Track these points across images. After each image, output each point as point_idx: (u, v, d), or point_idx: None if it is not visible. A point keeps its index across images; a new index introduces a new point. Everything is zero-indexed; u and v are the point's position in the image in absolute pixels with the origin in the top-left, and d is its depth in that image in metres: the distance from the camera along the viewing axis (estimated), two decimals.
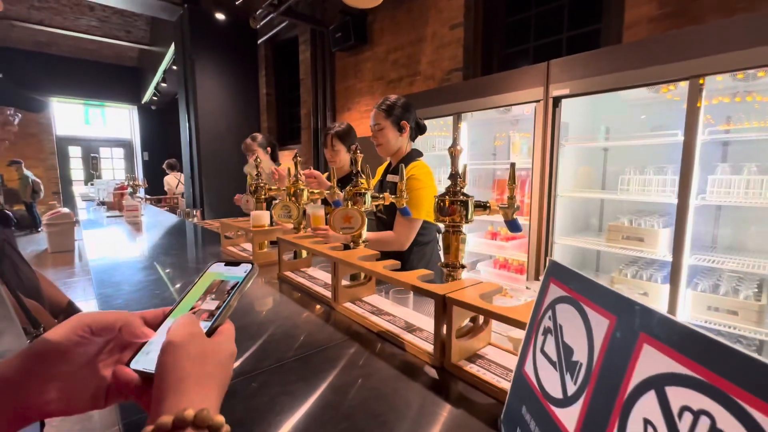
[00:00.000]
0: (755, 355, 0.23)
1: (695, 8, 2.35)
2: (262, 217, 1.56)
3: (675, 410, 0.27)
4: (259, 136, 2.71)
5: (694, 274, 2.09)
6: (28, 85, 8.49)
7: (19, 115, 1.10)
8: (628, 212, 2.36)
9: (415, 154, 1.72)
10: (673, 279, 1.93)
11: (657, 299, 2.09)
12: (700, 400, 0.25)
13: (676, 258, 1.90)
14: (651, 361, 0.29)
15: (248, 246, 1.78)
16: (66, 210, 6.00)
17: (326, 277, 1.28)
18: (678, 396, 0.27)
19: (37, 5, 6.87)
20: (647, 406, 0.29)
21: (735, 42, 1.66)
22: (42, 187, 7.82)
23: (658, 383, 0.28)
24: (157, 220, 2.97)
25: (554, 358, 0.42)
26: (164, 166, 7.26)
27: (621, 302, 0.34)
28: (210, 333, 0.40)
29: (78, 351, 0.36)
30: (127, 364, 0.39)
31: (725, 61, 1.68)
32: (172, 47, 6.15)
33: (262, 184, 1.74)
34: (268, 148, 2.72)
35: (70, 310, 1.47)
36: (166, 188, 7.11)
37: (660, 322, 0.30)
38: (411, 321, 0.91)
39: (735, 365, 0.24)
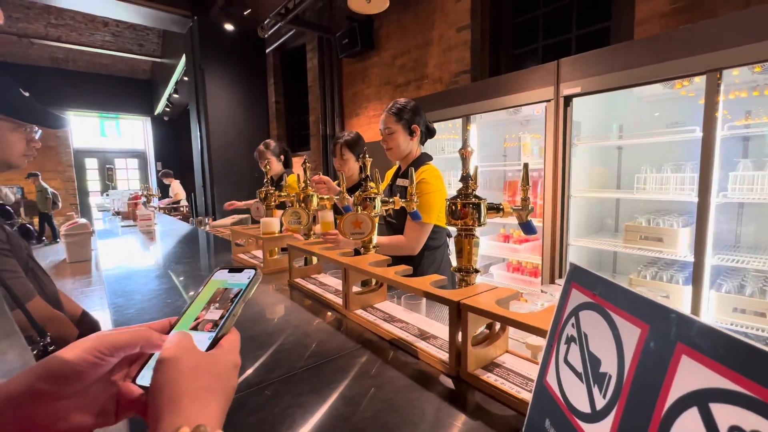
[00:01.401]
0: None
1: (708, 2, 2.29)
2: (272, 224, 1.55)
3: (723, 430, 0.24)
4: (272, 144, 2.68)
5: (717, 275, 2.02)
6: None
7: (40, 131, 1.13)
8: (645, 212, 2.29)
9: (424, 158, 1.70)
10: (696, 280, 1.86)
11: (679, 301, 2.02)
12: (753, 420, 0.22)
13: (698, 258, 1.83)
14: (691, 375, 0.27)
15: (259, 253, 1.78)
16: (83, 220, 6.13)
17: (337, 283, 1.26)
18: (725, 414, 0.24)
19: (54, 23, 7.10)
20: (689, 424, 0.26)
21: (752, 34, 1.60)
22: (59, 198, 8.02)
23: (700, 399, 0.26)
24: (170, 229, 3.00)
25: (579, 369, 0.40)
26: (161, 176, 7.36)
27: (654, 309, 0.32)
28: (214, 344, 0.39)
29: (92, 372, 0.35)
30: (133, 380, 0.38)
31: (743, 54, 1.62)
32: (183, 59, 6.27)
33: (271, 191, 1.74)
34: (281, 156, 2.70)
35: (85, 319, 1.48)
36: (173, 193, 7.18)
37: (701, 331, 0.27)
38: (424, 328, 0.89)
39: None
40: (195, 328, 0.41)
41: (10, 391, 0.32)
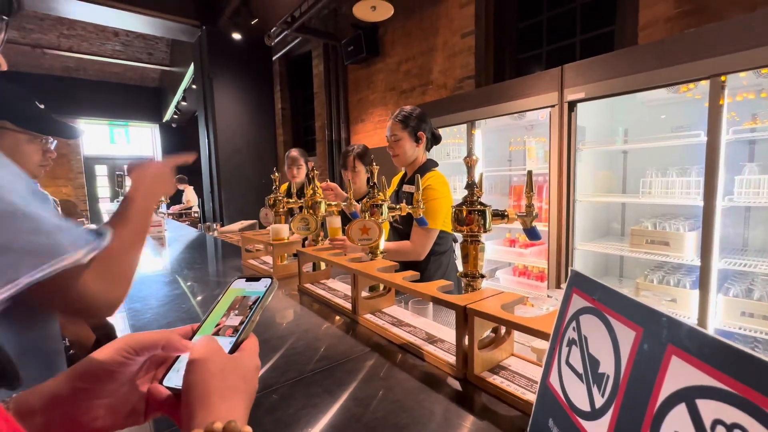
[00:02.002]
0: None
1: (713, 6, 2.30)
2: (281, 230, 1.59)
3: (707, 424, 0.26)
4: (300, 151, 2.70)
5: (724, 279, 2.01)
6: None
7: (55, 141, 1.18)
8: (651, 216, 2.29)
9: (430, 165, 1.73)
10: (703, 284, 1.86)
11: (686, 305, 2.02)
12: (732, 414, 0.25)
13: (705, 262, 1.84)
14: (680, 374, 0.29)
15: (268, 259, 1.81)
16: (93, 227, 6.22)
17: (346, 288, 1.29)
18: (710, 409, 0.26)
19: (66, 33, 7.27)
20: (678, 419, 0.29)
21: (757, 38, 1.61)
22: (58, 204, 8.13)
23: (688, 396, 0.28)
24: (179, 235, 3.06)
25: (580, 370, 0.42)
26: (176, 180, 7.43)
27: (647, 313, 0.34)
28: (235, 348, 0.42)
29: (123, 370, 0.38)
30: (160, 381, 0.41)
31: (748, 58, 1.63)
32: (192, 67, 6.38)
33: (280, 198, 1.78)
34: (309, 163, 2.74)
35: (100, 323, 1.52)
36: (185, 199, 7.26)
37: (689, 333, 0.29)
38: (431, 332, 0.91)
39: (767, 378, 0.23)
40: (217, 334, 0.44)
41: (56, 390, 0.35)
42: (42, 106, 1.07)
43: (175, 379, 0.40)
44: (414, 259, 1.63)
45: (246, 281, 0.50)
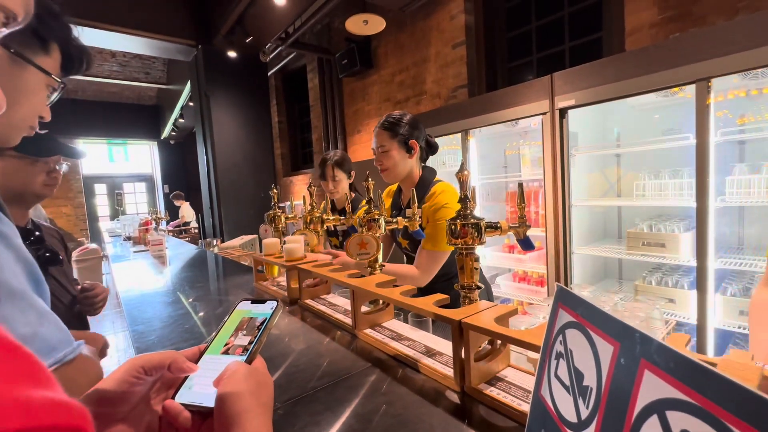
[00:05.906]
0: (745, 384, 0.25)
1: (696, 11, 2.35)
2: (297, 251, 1.54)
3: None
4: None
5: (722, 278, 2.03)
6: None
7: (65, 163, 1.21)
8: (647, 218, 2.32)
9: (429, 176, 1.54)
10: (700, 284, 1.88)
11: (685, 305, 2.03)
12: (697, 426, 0.27)
13: (701, 262, 1.86)
14: (652, 387, 0.31)
15: (280, 279, 1.72)
16: (94, 246, 6.23)
17: (346, 303, 1.31)
18: (678, 421, 0.28)
19: None
20: (652, 430, 0.31)
21: (740, 42, 1.65)
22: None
23: (659, 408, 0.30)
24: (179, 252, 3.07)
25: (567, 382, 0.44)
26: (171, 197, 7.54)
27: (623, 329, 0.36)
28: None
29: (134, 391, 0.40)
30: (173, 398, 0.42)
31: (732, 62, 1.67)
32: (188, 85, 6.45)
33: (279, 213, 1.80)
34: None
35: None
36: (180, 215, 7.32)
37: (658, 349, 0.32)
38: (430, 345, 0.93)
39: (726, 393, 0.26)
40: (226, 353, 0.47)
41: None
42: (45, 130, 1.10)
43: (187, 395, 0.42)
44: (418, 285, 1.43)
45: (251, 303, 0.53)
